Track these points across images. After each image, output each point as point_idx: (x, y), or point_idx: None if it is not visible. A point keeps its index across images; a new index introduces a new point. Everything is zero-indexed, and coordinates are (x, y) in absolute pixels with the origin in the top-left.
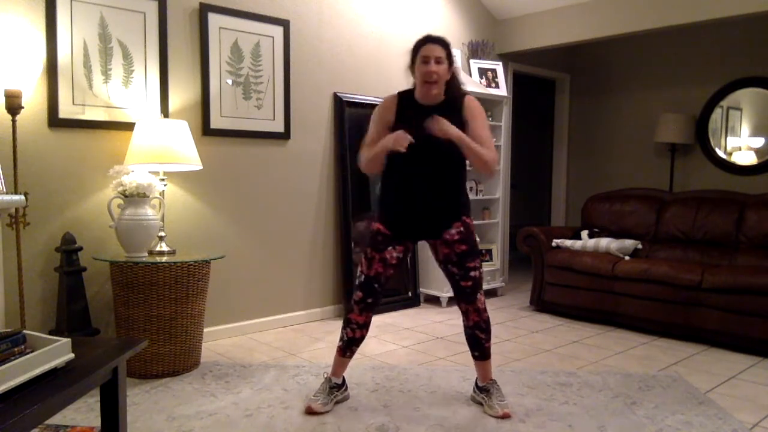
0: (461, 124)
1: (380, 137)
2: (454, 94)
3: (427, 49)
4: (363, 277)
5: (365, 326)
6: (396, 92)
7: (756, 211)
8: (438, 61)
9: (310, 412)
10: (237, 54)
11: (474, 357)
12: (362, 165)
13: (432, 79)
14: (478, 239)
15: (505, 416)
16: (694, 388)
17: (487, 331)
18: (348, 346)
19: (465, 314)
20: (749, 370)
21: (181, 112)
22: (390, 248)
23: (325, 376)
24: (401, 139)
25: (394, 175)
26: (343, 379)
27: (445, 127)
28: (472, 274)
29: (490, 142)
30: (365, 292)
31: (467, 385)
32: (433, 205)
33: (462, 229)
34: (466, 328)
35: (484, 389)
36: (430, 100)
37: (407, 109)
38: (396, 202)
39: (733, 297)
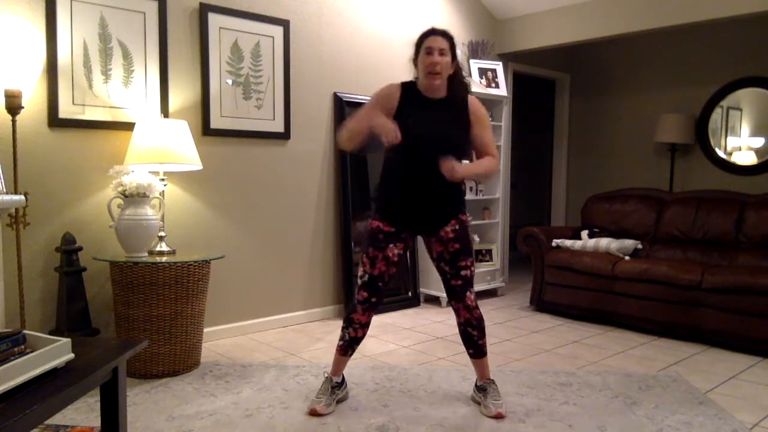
0: (464, 122)
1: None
2: (457, 90)
3: (431, 41)
4: (367, 276)
5: (367, 325)
6: (399, 82)
7: (756, 211)
8: (441, 53)
9: (314, 413)
10: (237, 54)
11: (469, 355)
12: (342, 137)
13: (435, 70)
14: (477, 238)
15: (498, 416)
16: (694, 388)
17: (480, 328)
18: (350, 346)
19: (456, 312)
20: (749, 370)
21: (181, 112)
22: (391, 245)
23: (326, 375)
24: (390, 132)
25: (393, 169)
26: (343, 377)
27: (453, 172)
28: (463, 273)
29: (493, 147)
30: (370, 291)
31: (467, 385)
32: (432, 200)
33: (457, 227)
34: (459, 325)
35: (482, 388)
36: (433, 92)
37: (411, 100)
38: (394, 195)
39: (733, 297)
